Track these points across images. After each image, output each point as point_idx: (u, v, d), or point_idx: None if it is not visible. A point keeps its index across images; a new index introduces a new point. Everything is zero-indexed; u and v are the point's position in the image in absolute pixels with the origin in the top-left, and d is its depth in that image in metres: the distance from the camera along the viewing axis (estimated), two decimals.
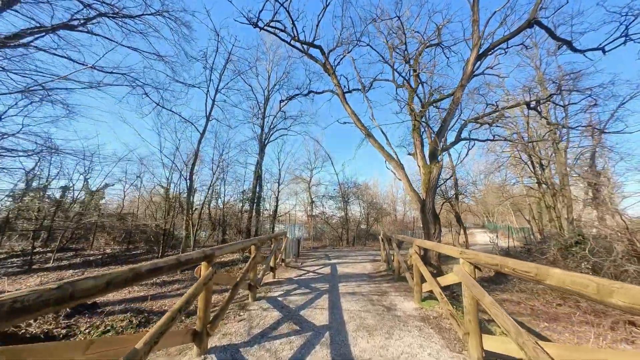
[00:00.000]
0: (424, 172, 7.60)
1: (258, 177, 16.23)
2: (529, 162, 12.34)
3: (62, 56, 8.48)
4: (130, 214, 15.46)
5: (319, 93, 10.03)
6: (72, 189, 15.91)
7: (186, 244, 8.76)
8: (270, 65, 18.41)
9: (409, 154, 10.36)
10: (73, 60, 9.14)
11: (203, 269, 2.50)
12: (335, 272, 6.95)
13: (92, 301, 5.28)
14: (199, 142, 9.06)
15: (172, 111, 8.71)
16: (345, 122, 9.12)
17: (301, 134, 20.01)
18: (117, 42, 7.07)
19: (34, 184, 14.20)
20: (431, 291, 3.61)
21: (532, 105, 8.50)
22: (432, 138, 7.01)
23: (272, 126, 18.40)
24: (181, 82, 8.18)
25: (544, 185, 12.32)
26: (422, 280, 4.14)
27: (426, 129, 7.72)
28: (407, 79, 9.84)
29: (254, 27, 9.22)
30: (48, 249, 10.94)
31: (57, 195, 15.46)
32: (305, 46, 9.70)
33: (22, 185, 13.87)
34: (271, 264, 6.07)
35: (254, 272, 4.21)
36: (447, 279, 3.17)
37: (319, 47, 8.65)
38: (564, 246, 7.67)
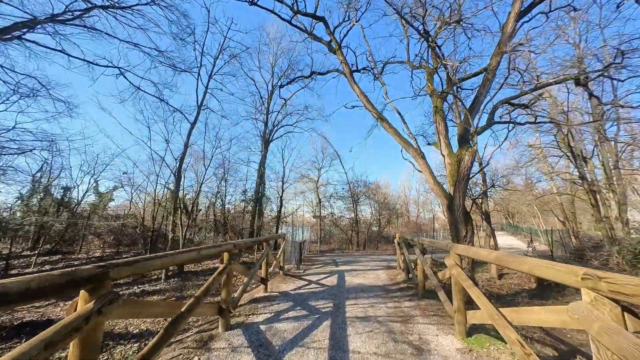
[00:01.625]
0: (450, 163, 6.24)
1: (261, 176, 15.19)
2: (568, 154, 10.63)
3: (55, 49, 7.76)
4: (131, 216, 14.80)
5: (323, 74, 8.85)
6: (73, 189, 15.48)
7: (172, 247, 7.75)
8: (273, 58, 17.46)
9: (429, 144, 8.99)
10: (67, 53, 8.45)
11: (80, 302, 1.32)
12: (342, 284, 5.69)
13: None
14: (189, 133, 8.10)
15: (155, 96, 7.79)
16: (353, 107, 7.90)
17: (308, 131, 18.82)
18: (118, 38, 6.20)
19: (41, 185, 13.79)
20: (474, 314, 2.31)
21: (581, 81, 6.96)
22: (462, 118, 5.67)
23: (276, 123, 17.39)
24: (166, 64, 7.23)
25: (586, 181, 10.58)
26: (467, 304, 2.83)
27: (454, 107, 6.36)
28: (424, 58, 8.51)
29: (250, 5, 8.21)
30: (36, 252, 10.31)
31: (59, 196, 15.07)
32: (307, 25, 8.58)
33: (29, 187, 13.49)
34: (262, 273, 4.88)
35: (226, 290, 3.03)
36: (535, 317, 1.81)
37: (322, 19, 7.49)
38: (633, 252, 6.12)
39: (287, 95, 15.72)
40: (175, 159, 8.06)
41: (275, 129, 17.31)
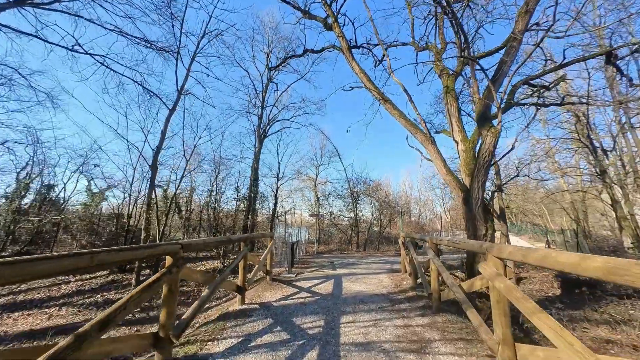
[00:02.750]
0: (465, 149, 5.34)
1: (255, 173, 14.27)
2: (587, 145, 9.71)
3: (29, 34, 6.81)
4: (119, 215, 13.87)
5: (318, 51, 7.94)
6: (57, 187, 14.52)
7: None
8: (269, 48, 16.55)
9: (436, 132, 8.07)
10: (42, 38, 7.52)
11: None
12: (339, 292, 4.76)
13: None
14: (167, 120, 7.16)
15: (127, 77, 6.84)
16: (352, 88, 6.96)
17: (305, 126, 17.90)
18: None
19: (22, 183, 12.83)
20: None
21: (613, 58, 6.05)
22: (482, 94, 4.75)
23: (271, 117, 16.48)
24: (137, 39, 6.27)
25: (607, 175, 9.66)
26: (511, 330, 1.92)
27: (471, 83, 5.41)
28: (431, 42, 7.61)
29: None
30: (4, 254, 9.41)
31: (40, 194, 14.10)
32: (301, 3, 7.68)
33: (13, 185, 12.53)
34: (238, 281, 3.96)
35: (167, 311, 2.10)
36: None
37: None
38: None
39: (283, 87, 14.91)
40: (153, 149, 7.15)
41: (271, 123, 16.42)
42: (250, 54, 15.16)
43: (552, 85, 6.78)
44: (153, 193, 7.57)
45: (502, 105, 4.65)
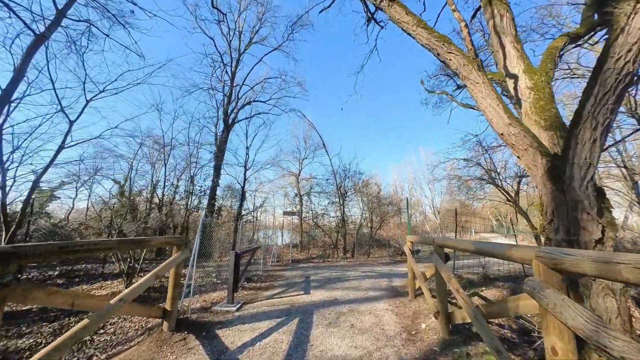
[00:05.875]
0: (535, 85, 3.00)
1: (217, 160, 11.49)
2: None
3: None
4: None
5: None
6: None
7: None
8: (242, 15, 13.83)
9: (459, 87, 5.72)
10: None
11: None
12: (301, 356, 2.22)
13: None
14: (29, 52, 4.29)
15: None
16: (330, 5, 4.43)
17: (287, 112, 15.28)
18: None
19: None
20: None
21: None
22: None
23: (243, 97, 13.76)
24: None
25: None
26: None
27: None
28: None
29: None
30: None
31: None
32: None
33: None
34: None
35: None
36: None
37: None
38: None
39: (260, 70, 12.34)
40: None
41: (242, 105, 13.68)
42: (216, 16, 12.36)
43: None
44: None
45: None
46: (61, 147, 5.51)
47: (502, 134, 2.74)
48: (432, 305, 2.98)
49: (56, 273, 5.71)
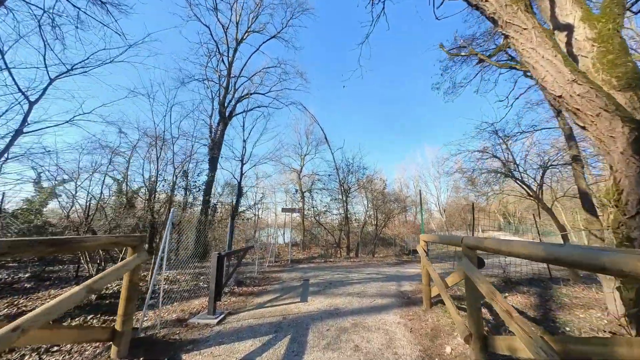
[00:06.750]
0: (599, 36, 2.22)
1: (212, 158, 10.87)
2: None
3: None
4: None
5: None
6: None
7: None
8: (239, 1, 13.12)
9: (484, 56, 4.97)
10: None
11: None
12: None
13: None
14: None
15: None
16: None
17: (287, 106, 14.56)
18: None
19: None
20: None
21: None
22: None
23: (238, 87, 13.10)
24: None
25: None
26: None
27: None
28: None
29: None
30: None
31: None
32: None
33: None
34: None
35: None
36: None
37: None
38: None
39: (258, 61, 11.72)
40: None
41: (240, 98, 13.03)
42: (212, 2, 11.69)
43: None
44: None
45: None
46: (19, 132, 4.93)
47: (560, 96, 2.01)
48: (461, 324, 2.28)
49: (27, 275, 5.14)
